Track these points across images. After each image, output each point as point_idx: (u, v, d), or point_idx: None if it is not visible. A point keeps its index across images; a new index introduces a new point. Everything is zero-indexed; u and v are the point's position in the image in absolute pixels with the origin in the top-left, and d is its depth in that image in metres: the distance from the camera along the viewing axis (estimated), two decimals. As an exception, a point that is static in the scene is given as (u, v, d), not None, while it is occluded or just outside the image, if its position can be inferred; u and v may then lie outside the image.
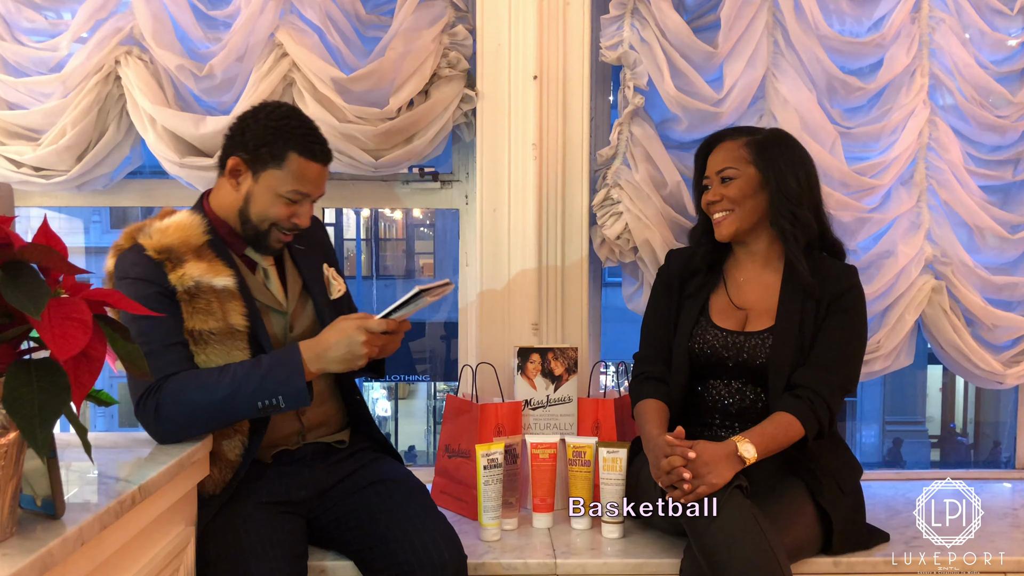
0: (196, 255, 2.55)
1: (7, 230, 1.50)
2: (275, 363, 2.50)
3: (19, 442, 1.55)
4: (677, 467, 2.55)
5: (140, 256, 2.52)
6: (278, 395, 2.47)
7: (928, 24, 3.37)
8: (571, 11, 3.36)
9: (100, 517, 1.76)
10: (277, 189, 2.60)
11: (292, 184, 2.59)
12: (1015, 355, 3.49)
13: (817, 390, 2.74)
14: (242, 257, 2.72)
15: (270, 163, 2.59)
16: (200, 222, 2.60)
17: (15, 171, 3.25)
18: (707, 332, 2.93)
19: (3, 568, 1.44)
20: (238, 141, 2.63)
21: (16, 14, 3.26)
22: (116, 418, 8.64)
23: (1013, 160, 3.46)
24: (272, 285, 2.76)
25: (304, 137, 2.61)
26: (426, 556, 2.51)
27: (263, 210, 2.62)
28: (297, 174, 2.60)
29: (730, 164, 2.90)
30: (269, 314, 2.71)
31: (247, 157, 2.60)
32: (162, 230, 2.55)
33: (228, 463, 2.58)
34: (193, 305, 2.50)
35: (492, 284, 3.43)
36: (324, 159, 2.66)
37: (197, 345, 2.51)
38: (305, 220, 2.68)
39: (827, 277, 2.87)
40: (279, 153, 2.58)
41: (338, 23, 3.27)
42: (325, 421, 2.83)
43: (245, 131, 2.62)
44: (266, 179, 2.60)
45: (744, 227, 2.92)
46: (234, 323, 2.55)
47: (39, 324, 1.45)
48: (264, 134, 2.59)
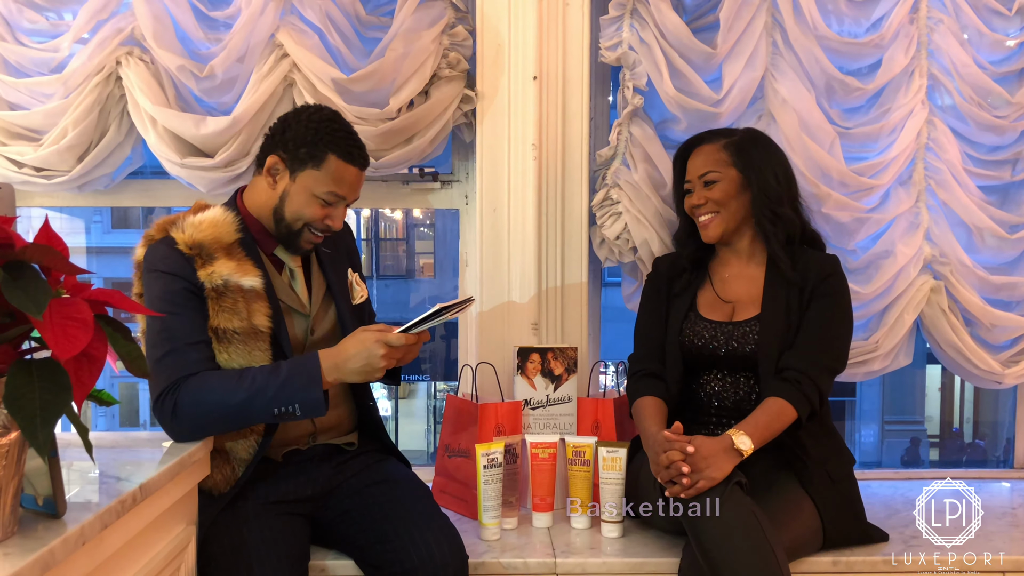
0: (227, 253, 2.56)
1: (9, 230, 1.51)
2: (294, 371, 2.51)
3: (20, 441, 1.56)
4: (676, 462, 2.56)
5: (171, 250, 2.52)
6: (294, 403, 2.48)
7: (926, 25, 3.38)
8: (570, 12, 3.37)
9: (101, 516, 1.77)
10: (314, 190, 2.62)
11: (329, 186, 2.62)
12: (1014, 355, 3.49)
13: (805, 371, 2.76)
14: (270, 256, 2.74)
15: (309, 163, 2.61)
16: (233, 219, 2.61)
17: (16, 171, 3.26)
18: (696, 325, 2.97)
19: (5, 567, 1.44)
20: (278, 140, 2.65)
21: (17, 15, 3.27)
22: (117, 418, 8.67)
23: (1011, 160, 3.46)
24: (297, 286, 2.77)
25: (344, 140, 2.64)
26: (427, 555, 2.52)
27: (298, 210, 2.63)
28: (335, 176, 2.62)
29: (711, 167, 2.95)
30: (292, 315, 2.72)
31: (286, 156, 2.63)
32: (195, 225, 2.55)
33: (241, 461, 2.60)
34: (220, 303, 2.51)
35: (492, 284, 3.44)
36: (362, 163, 2.68)
37: (220, 343, 2.52)
38: (338, 223, 2.70)
39: (808, 267, 2.90)
40: (318, 154, 2.61)
41: (338, 24, 3.28)
42: (337, 424, 2.84)
43: (286, 130, 2.65)
44: (303, 179, 2.62)
45: (730, 227, 2.97)
46: (258, 324, 2.56)
47: (40, 324, 1.45)
48: (305, 134, 2.61)
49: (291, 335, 2.68)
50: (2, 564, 1.46)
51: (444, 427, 3.30)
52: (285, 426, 2.68)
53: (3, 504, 1.56)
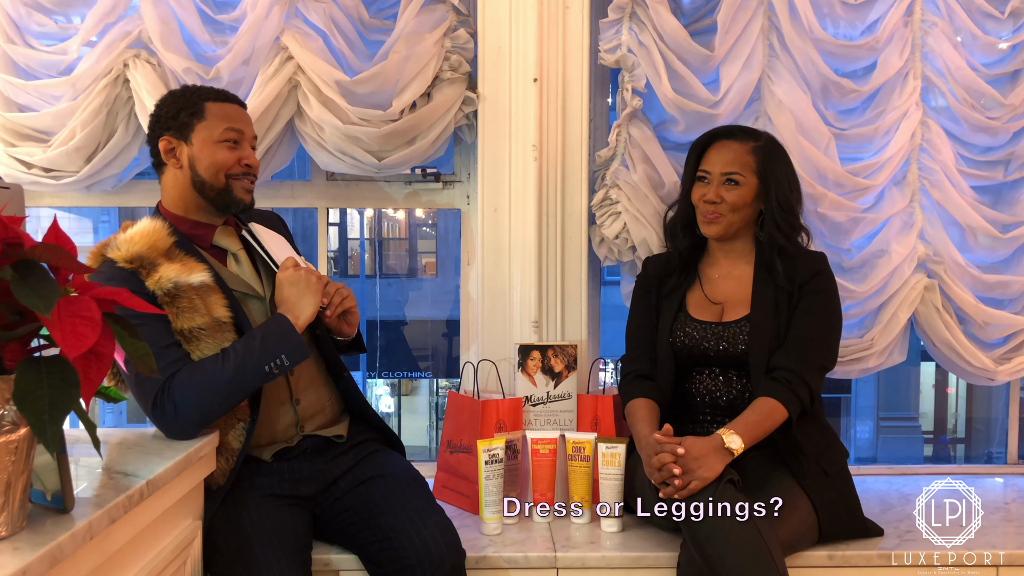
0: (167, 257, 2.57)
1: (18, 230, 1.51)
2: (266, 331, 2.55)
3: (29, 438, 1.57)
4: (667, 464, 2.59)
5: (113, 269, 2.52)
6: (280, 355, 2.51)
7: (921, 28, 3.40)
8: (570, 15, 3.39)
9: (109, 511, 1.79)
10: (211, 138, 2.69)
11: (221, 125, 2.70)
12: (1006, 352, 3.51)
13: (795, 370, 2.78)
14: (210, 250, 2.76)
15: (193, 121, 2.69)
16: (163, 225, 2.62)
17: (26, 172, 3.28)
18: (686, 325, 2.98)
19: (14, 561, 1.47)
20: (157, 126, 2.74)
21: (27, 18, 3.29)
22: (124, 414, 8.70)
23: (1004, 161, 3.48)
24: (245, 272, 2.78)
25: (210, 90, 2.77)
26: (424, 551, 2.54)
27: (210, 164, 2.69)
28: (220, 116, 2.71)
29: (738, 169, 2.92)
30: (248, 302, 2.73)
31: (171, 130, 2.71)
32: (129, 240, 2.56)
33: (233, 451, 2.60)
34: (177, 306, 2.52)
35: (493, 282, 3.46)
36: (236, 100, 2.79)
37: (189, 343, 2.53)
38: (253, 159, 2.76)
39: (796, 266, 2.92)
40: (196, 108, 2.70)
41: (342, 27, 3.31)
42: (320, 408, 2.85)
43: (159, 114, 2.75)
44: (198, 136, 2.69)
45: (732, 231, 2.97)
46: (219, 315, 2.57)
47: (49, 322, 1.46)
48: (175, 103, 2.72)
49: (252, 322, 2.68)
50: (11, 558, 1.48)
51: (446, 423, 3.33)
52: (270, 417, 2.72)
53: (12, 499, 1.58)
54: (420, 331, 10.98)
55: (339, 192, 3.61)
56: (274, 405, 2.73)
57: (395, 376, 12.87)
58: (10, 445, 1.55)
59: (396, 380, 13.43)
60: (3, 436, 1.54)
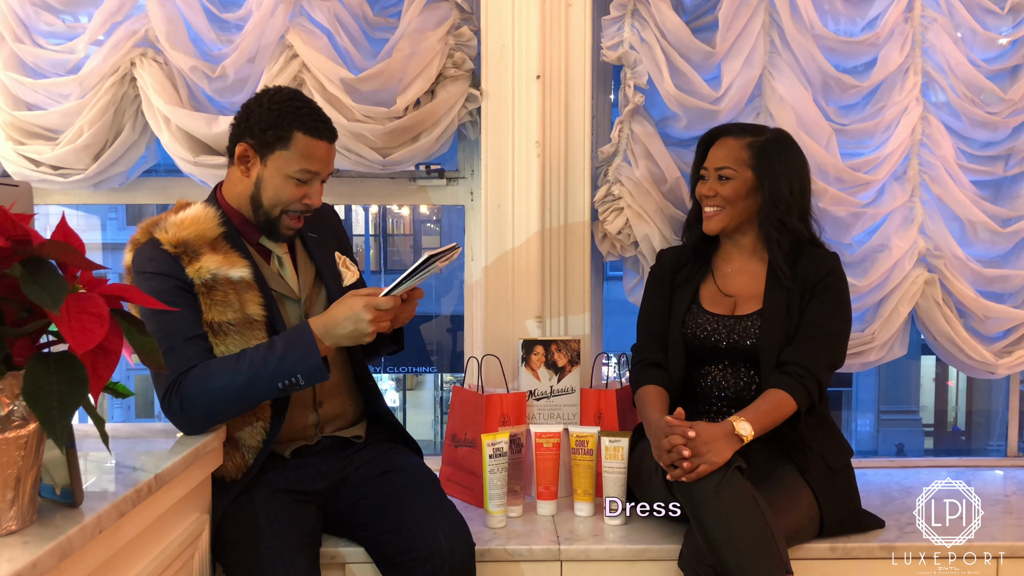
0: (211, 247, 2.56)
1: (27, 227, 1.52)
2: (289, 344, 2.52)
3: (39, 433, 1.59)
4: (677, 445, 2.59)
5: (157, 251, 2.53)
6: (296, 374, 2.49)
7: (921, 23, 3.40)
8: (573, 12, 3.41)
9: (117, 505, 1.81)
10: (286, 170, 2.61)
11: (300, 163, 2.61)
12: (1006, 346, 3.52)
13: (805, 365, 2.80)
14: (256, 247, 2.74)
15: (277, 145, 2.61)
16: (214, 214, 2.62)
17: (34, 170, 3.30)
18: (699, 317, 3.00)
19: (24, 555, 1.48)
20: (244, 127, 2.66)
21: (35, 17, 3.31)
22: (133, 409, 8.73)
23: (1004, 155, 3.49)
24: (286, 274, 2.77)
25: (308, 116, 2.63)
26: (435, 543, 2.54)
27: (274, 194, 2.64)
28: (304, 153, 2.61)
29: (729, 164, 2.95)
30: (284, 302, 2.73)
31: (254, 142, 2.63)
32: (178, 224, 2.56)
33: (250, 449, 2.61)
34: (211, 297, 2.52)
35: (497, 278, 3.47)
36: (329, 136, 2.67)
37: (216, 336, 2.54)
38: (316, 200, 2.69)
39: (809, 265, 2.93)
40: (285, 134, 2.60)
41: (347, 25, 3.32)
42: (341, 412, 2.87)
43: (250, 117, 2.65)
44: (274, 162, 2.62)
45: (732, 225, 2.99)
46: (252, 313, 2.57)
47: (57, 318, 1.47)
48: (268, 117, 2.61)
49: (286, 322, 2.68)
50: (21, 552, 1.50)
51: (451, 418, 3.34)
52: (291, 418, 2.71)
53: (22, 493, 1.59)
54: (425, 326, 10.98)
55: (344, 188, 3.62)
56: (296, 407, 2.73)
57: (400, 371, 12.92)
58: (20, 440, 1.56)
59: (401, 375, 13.45)
60: (13, 431, 1.55)
